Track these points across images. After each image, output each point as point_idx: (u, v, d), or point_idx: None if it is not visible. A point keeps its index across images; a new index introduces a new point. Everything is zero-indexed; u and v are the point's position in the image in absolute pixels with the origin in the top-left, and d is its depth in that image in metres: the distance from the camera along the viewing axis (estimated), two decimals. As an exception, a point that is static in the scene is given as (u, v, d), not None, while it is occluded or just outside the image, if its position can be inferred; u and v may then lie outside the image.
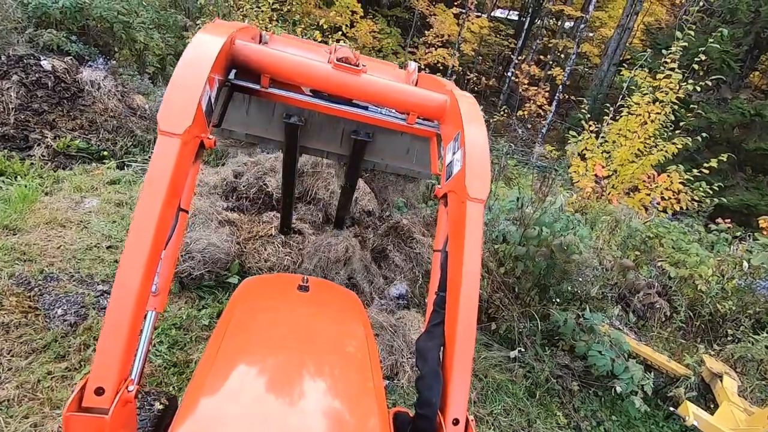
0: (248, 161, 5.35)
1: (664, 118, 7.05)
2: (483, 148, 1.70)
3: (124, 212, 4.41)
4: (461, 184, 1.64)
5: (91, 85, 6.14)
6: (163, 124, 1.35)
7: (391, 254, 4.37)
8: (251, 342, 1.69)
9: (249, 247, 4.02)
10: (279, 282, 2.52)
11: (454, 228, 1.69)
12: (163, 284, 1.72)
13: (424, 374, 1.54)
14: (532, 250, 3.94)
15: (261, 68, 1.89)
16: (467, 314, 1.52)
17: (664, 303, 4.68)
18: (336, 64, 1.92)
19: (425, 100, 2.05)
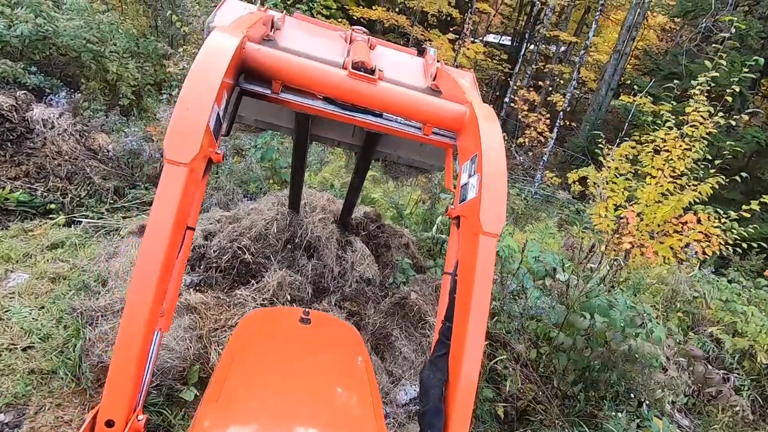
0: (223, 217, 4.47)
1: (697, 155, 6.32)
2: (501, 178, 1.62)
3: (58, 291, 3.48)
4: (475, 214, 1.59)
5: (42, 125, 5.28)
6: (170, 153, 1.32)
7: (397, 342, 3.47)
8: (254, 375, 1.71)
9: (215, 341, 3.10)
10: (280, 315, 2.50)
11: (465, 259, 1.66)
12: (169, 305, 1.69)
13: (425, 411, 1.54)
14: (580, 343, 3.06)
15: (272, 74, 1.81)
16: (473, 347, 1.49)
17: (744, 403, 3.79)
18: (351, 72, 1.84)
19: (443, 111, 1.96)
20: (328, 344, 2.10)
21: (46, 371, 2.82)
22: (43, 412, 2.59)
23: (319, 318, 2.29)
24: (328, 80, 1.84)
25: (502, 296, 3.97)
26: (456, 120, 1.93)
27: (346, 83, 1.83)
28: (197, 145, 1.32)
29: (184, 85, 1.39)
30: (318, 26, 2.62)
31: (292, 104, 1.95)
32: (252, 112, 3.15)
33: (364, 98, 1.89)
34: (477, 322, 1.49)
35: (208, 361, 3.01)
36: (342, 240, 4.26)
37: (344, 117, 2.01)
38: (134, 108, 8.14)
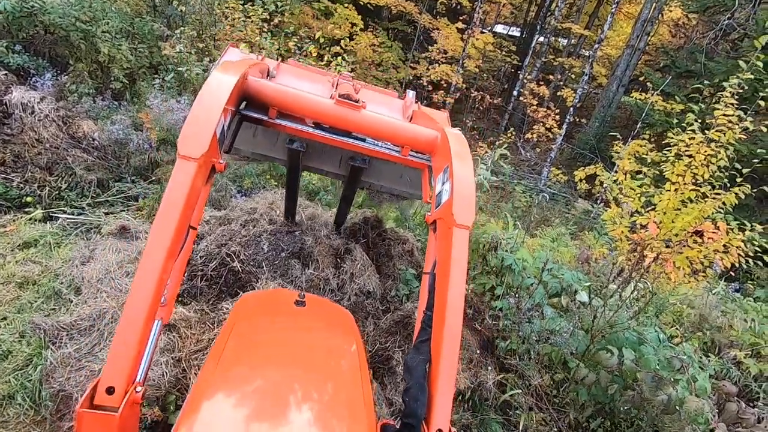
0: (212, 218, 4.12)
1: (722, 162, 5.91)
2: (469, 180, 1.83)
3: (25, 299, 3.14)
4: (449, 211, 1.76)
5: (22, 109, 4.89)
6: (183, 149, 1.51)
7: (399, 367, 3.13)
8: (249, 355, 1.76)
9: (196, 365, 2.76)
10: (276, 297, 2.56)
11: (442, 253, 1.82)
12: (170, 296, 1.82)
13: (410, 386, 1.63)
14: (604, 379, 2.72)
15: (270, 102, 2.09)
16: (452, 332, 1.61)
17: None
18: (338, 100, 2.10)
19: (418, 135, 2.21)
20: (321, 326, 2.17)
21: (3, 395, 2.48)
22: (-6, 447, 2.27)
23: (314, 301, 2.36)
24: (317, 107, 2.10)
25: (514, 315, 3.63)
26: (429, 143, 2.18)
27: (333, 110, 2.09)
28: (207, 143, 1.52)
29: (198, 95, 1.60)
30: (308, 71, 3.00)
31: (287, 128, 2.18)
32: (249, 146, 3.46)
33: (350, 123, 2.13)
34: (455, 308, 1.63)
35: (187, 387, 2.67)
36: (341, 248, 3.91)
37: (332, 140, 2.24)
38: (127, 92, 7.72)
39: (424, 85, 17.81)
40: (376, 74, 18.20)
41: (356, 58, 16.03)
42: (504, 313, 3.73)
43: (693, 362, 2.69)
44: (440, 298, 1.71)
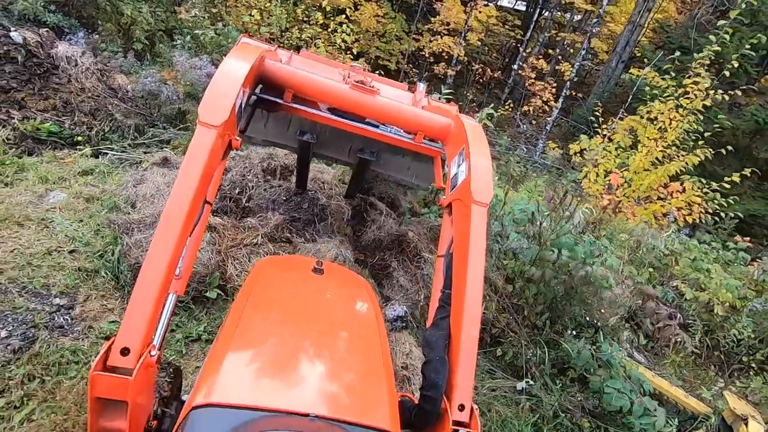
0: (236, 155, 4.87)
1: (687, 126, 6.60)
2: (486, 159, 1.84)
3: (93, 209, 3.93)
4: (467, 190, 1.76)
5: (67, 62, 5.58)
6: (204, 116, 1.51)
7: (395, 273, 3.94)
8: (269, 318, 1.77)
9: (232, 256, 3.58)
10: (294, 263, 2.56)
11: (459, 232, 1.81)
12: (185, 269, 1.80)
13: (431, 359, 1.63)
14: (548, 274, 3.53)
15: (286, 85, 2.11)
16: (473, 309, 1.62)
17: (686, 337, 4.32)
18: (353, 84, 2.13)
19: (432, 122, 2.24)
20: (339, 295, 2.16)
21: (90, 270, 3.31)
22: (90, 301, 3.09)
23: (332, 269, 2.36)
24: (333, 91, 2.14)
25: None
26: (443, 129, 2.22)
27: (348, 94, 2.14)
28: (227, 112, 1.54)
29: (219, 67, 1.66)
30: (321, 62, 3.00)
31: (302, 112, 2.23)
32: (261, 134, 3.58)
33: (365, 108, 2.17)
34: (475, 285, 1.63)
35: (225, 271, 3.49)
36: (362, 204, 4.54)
37: (346, 125, 2.29)
38: (147, 53, 8.33)
39: (425, 57, 18.20)
40: (379, 45, 18.55)
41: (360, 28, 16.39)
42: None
43: (607, 251, 3.48)
44: (459, 277, 1.70)
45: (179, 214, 1.41)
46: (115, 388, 1.26)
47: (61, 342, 2.73)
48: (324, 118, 2.27)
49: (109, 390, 1.26)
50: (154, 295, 1.35)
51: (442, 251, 1.99)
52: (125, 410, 1.28)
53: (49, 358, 2.61)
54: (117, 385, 1.26)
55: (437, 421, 1.55)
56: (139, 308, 1.33)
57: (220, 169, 1.86)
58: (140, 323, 1.32)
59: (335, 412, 1.40)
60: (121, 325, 1.31)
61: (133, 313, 1.33)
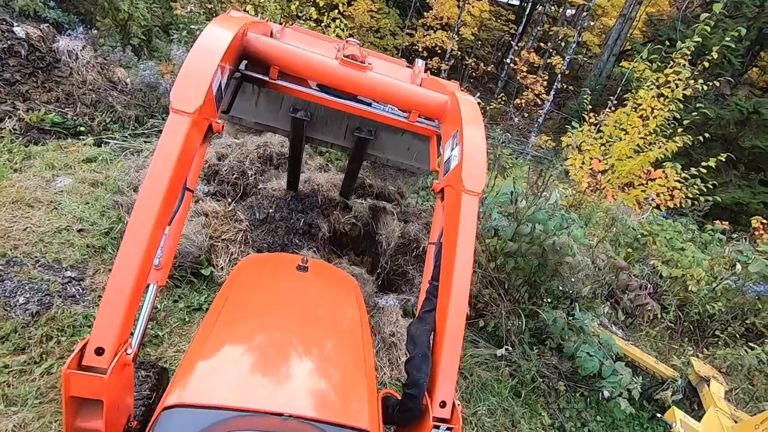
0: (233, 143, 5.11)
1: (668, 115, 6.86)
2: (480, 145, 1.76)
3: (98, 193, 4.17)
4: (458, 177, 1.69)
5: (68, 56, 5.79)
6: (176, 102, 1.41)
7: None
8: (247, 318, 1.72)
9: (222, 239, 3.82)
10: (278, 261, 2.51)
11: (450, 220, 1.74)
12: (165, 259, 1.72)
13: (413, 356, 1.58)
14: (524, 248, 3.80)
15: (271, 60, 1.96)
16: (458, 303, 1.56)
17: (655, 305, 4.60)
18: (343, 60, 1.99)
19: (427, 99, 2.11)
20: (323, 293, 2.11)
21: (98, 246, 3.55)
22: (98, 274, 3.34)
23: (317, 266, 2.31)
24: (321, 67, 1.98)
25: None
26: (439, 108, 2.08)
27: (337, 70, 1.98)
28: (201, 97, 1.43)
29: (193, 46, 1.52)
30: (314, 36, 2.81)
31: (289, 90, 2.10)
32: (251, 116, 3.40)
33: (355, 85, 2.02)
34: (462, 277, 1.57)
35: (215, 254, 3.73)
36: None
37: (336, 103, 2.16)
38: (144, 48, 8.54)
39: (419, 51, 18.41)
40: (373, 40, 18.75)
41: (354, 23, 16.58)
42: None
43: (574, 222, 3.76)
44: (446, 268, 1.65)
45: (152, 205, 1.32)
46: (90, 386, 1.22)
47: (73, 309, 2.98)
48: (312, 95, 2.14)
49: (83, 389, 1.22)
50: (128, 291, 1.28)
51: (434, 238, 1.92)
52: (101, 410, 1.25)
53: (64, 322, 2.86)
54: (91, 383, 1.22)
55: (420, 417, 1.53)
56: (113, 305, 1.27)
57: (201, 154, 1.75)
58: (114, 321, 1.26)
59: (311, 411, 1.38)
60: (95, 324, 1.26)
61: (107, 311, 1.27)
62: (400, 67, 2.92)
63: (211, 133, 1.67)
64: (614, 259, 4.59)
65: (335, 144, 3.73)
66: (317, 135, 3.55)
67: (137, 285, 1.32)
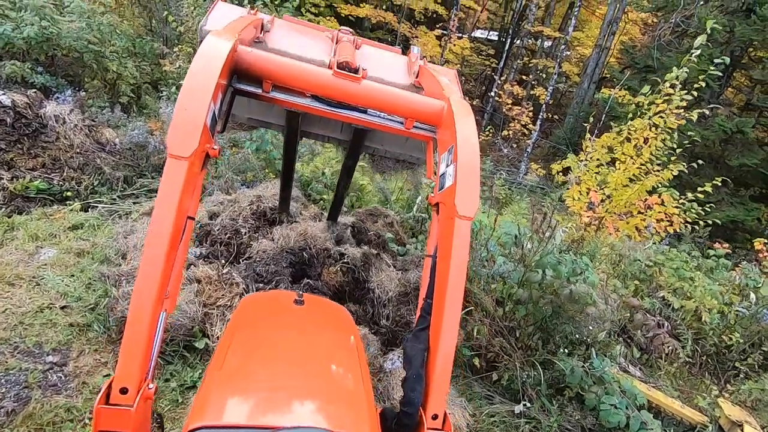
0: (225, 200, 4.99)
1: (661, 144, 6.89)
2: (474, 166, 1.76)
3: (84, 264, 3.98)
4: (451, 200, 1.71)
5: (55, 120, 5.73)
6: (172, 148, 1.43)
7: None
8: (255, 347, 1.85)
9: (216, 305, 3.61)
10: (276, 297, 2.67)
11: (443, 241, 1.77)
12: (173, 287, 1.78)
13: (408, 377, 1.69)
14: (535, 295, 3.63)
15: (263, 74, 1.90)
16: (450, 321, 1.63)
17: (676, 344, 4.40)
18: (336, 72, 1.95)
19: (423, 106, 2.08)
20: (320, 323, 2.23)
21: (83, 324, 3.33)
22: (83, 356, 3.11)
23: (312, 300, 2.46)
24: (314, 79, 1.95)
25: (473, 263, 4.53)
26: (435, 115, 2.05)
27: (331, 82, 1.94)
28: (196, 140, 1.45)
29: (183, 86, 1.51)
30: (306, 27, 2.73)
31: (282, 102, 2.04)
32: (244, 111, 3.29)
33: (349, 95, 2.00)
34: (454, 298, 1.64)
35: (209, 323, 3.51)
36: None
37: (331, 113, 2.11)
38: (133, 105, 8.57)
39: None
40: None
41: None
42: (466, 264, 4.63)
43: (588, 267, 3.60)
44: (440, 287, 1.71)
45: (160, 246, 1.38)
46: (118, 420, 1.34)
47: (55, 400, 2.73)
48: (308, 107, 2.09)
49: (112, 422, 1.34)
50: (145, 331, 1.37)
51: (431, 251, 1.94)
52: None
53: (44, 418, 2.60)
54: (119, 417, 1.34)
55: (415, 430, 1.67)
56: (135, 344, 1.36)
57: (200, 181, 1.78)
58: (136, 361, 1.36)
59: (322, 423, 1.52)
60: (118, 365, 1.36)
61: (130, 350, 1.36)
62: (396, 55, 2.85)
63: (209, 159, 1.68)
64: (627, 298, 4.43)
65: (332, 138, 3.59)
66: (313, 129, 3.44)
67: (152, 322, 1.40)
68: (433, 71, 2.43)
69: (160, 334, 1.66)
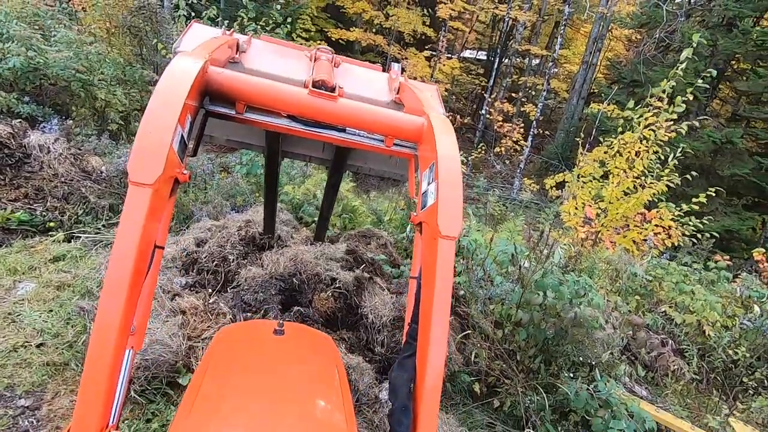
0: (213, 226, 4.86)
1: (653, 157, 6.89)
2: (456, 184, 1.69)
3: (64, 297, 3.81)
4: (434, 220, 1.64)
5: (39, 150, 5.62)
6: (134, 175, 1.32)
7: None
8: (228, 387, 1.72)
9: (201, 337, 3.45)
10: (254, 327, 2.54)
11: (427, 262, 1.71)
12: (140, 322, 1.69)
13: (394, 409, 1.60)
14: (536, 317, 3.49)
15: (235, 95, 1.83)
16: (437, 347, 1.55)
17: (681, 363, 4.26)
18: (311, 90, 1.90)
19: (401, 123, 2.02)
20: (301, 354, 2.12)
21: (59, 363, 3.14)
22: (59, 397, 2.91)
23: (293, 329, 2.34)
24: (288, 99, 1.90)
25: (470, 284, 4.41)
26: (415, 132, 2.00)
27: (306, 101, 1.90)
28: (160, 166, 1.35)
29: (147, 109, 1.42)
30: (284, 47, 2.68)
31: (257, 123, 1.98)
32: (223, 132, 3.21)
33: (325, 114, 1.95)
34: (440, 322, 1.56)
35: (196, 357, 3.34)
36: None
37: (308, 133, 2.05)
38: (123, 132, 8.50)
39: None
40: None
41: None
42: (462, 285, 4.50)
43: (592, 289, 3.48)
44: (425, 311, 1.65)
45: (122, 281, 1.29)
46: None
47: (25, 449, 2.54)
48: (283, 128, 2.02)
49: None
50: (107, 370, 1.24)
51: (415, 272, 1.88)
52: None
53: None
54: None
55: None
56: (92, 390, 1.24)
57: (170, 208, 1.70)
58: (95, 406, 1.23)
59: None
60: (75, 412, 1.24)
61: (87, 397, 1.24)
62: (377, 72, 2.79)
63: (178, 184, 1.57)
64: (629, 316, 4.30)
65: (314, 157, 3.52)
66: (295, 149, 3.37)
67: (115, 362, 1.27)
68: (414, 87, 2.38)
69: (126, 374, 1.55)
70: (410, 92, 2.34)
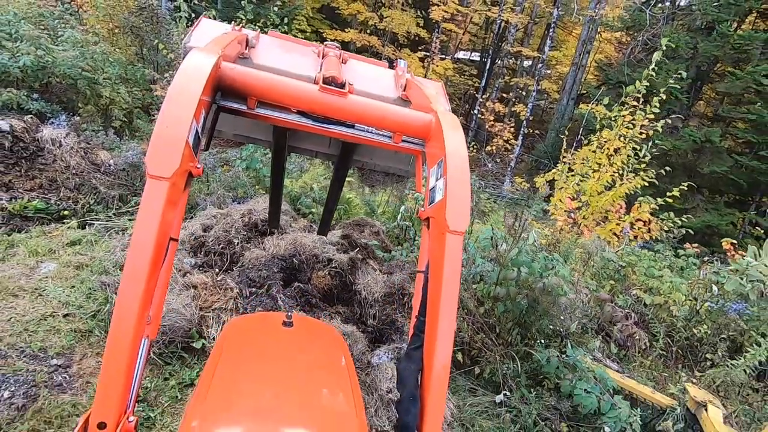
0: (218, 213, 5.24)
1: (631, 152, 7.35)
2: (465, 180, 1.73)
3: (83, 275, 4.17)
4: (442, 214, 1.68)
5: (51, 143, 5.97)
6: (152, 168, 1.36)
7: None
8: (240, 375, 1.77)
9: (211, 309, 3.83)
10: (264, 319, 2.62)
11: (435, 257, 1.74)
12: (155, 312, 1.73)
13: (402, 399, 1.66)
14: (512, 291, 3.91)
15: (247, 91, 1.87)
16: (444, 340, 1.59)
17: (642, 334, 4.70)
18: (322, 87, 1.94)
19: (410, 120, 2.05)
20: (310, 345, 2.18)
21: (84, 330, 3.52)
22: (86, 358, 3.29)
23: (301, 321, 2.42)
24: (300, 95, 1.92)
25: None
26: (423, 128, 2.02)
27: (317, 97, 1.91)
28: (177, 160, 1.38)
29: (163, 104, 1.44)
30: (292, 42, 2.73)
31: (268, 118, 2.01)
32: (230, 127, 3.27)
33: (335, 111, 1.96)
34: (447, 315, 1.59)
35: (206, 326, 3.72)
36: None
37: (318, 129, 2.07)
38: (126, 129, 8.84)
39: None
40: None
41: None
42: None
43: (559, 262, 3.91)
44: (433, 305, 1.68)
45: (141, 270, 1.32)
46: None
47: (60, 398, 2.91)
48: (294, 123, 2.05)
49: None
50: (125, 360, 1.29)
51: (422, 266, 1.90)
52: None
53: (51, 413, 2.78)
54: None
55: None
56: (113, 375, 1.28)
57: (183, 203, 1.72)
58: (115, 393, 1.28)
59: None
60: (95, 398, 1.27)
61: (107, 383, 1.28)
62: (383, 69, 2.85)
63: (192, 178, 1.65)
64: (596, 293, 4.73)
65: (320, 152, 3.61)
66: (301, 144, 3.44)
67: (133, 350, 1.33)
68: (420, 84, 2.43)
69: (142, 362, 1.60)
70: (417, 89, 2.37)
